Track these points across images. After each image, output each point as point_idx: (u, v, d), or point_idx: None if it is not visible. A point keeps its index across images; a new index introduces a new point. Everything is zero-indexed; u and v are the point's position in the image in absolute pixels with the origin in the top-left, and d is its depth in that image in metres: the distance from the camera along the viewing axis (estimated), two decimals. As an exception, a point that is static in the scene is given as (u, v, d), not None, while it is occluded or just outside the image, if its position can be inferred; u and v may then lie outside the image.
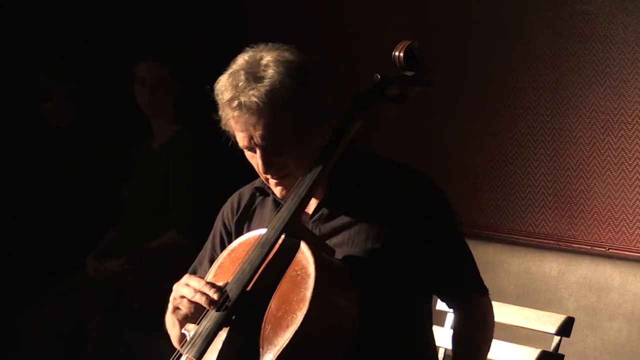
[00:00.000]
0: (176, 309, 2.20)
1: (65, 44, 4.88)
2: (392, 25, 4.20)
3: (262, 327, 2.04)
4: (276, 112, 2.14)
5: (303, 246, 2.10)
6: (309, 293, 2.01)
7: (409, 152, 4.17)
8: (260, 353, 2.02)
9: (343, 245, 2.24)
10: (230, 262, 2.22)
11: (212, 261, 2.41)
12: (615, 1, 3.61)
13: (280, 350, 1.99)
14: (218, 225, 2.49)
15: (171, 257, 3.96)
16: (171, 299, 2.22)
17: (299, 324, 1.99)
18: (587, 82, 3.71)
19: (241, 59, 2.21)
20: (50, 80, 4.48)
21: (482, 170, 4.03)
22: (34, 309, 4.21)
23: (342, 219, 2.27)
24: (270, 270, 2.11)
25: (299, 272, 2.06)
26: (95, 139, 4.52)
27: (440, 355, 2.79)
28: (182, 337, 2.20)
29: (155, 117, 4.27)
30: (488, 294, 2.40)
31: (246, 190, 2.48)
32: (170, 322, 2.30)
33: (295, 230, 2.16)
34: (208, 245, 2.52)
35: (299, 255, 2.09)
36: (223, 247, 2.42)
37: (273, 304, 2.06)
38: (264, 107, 2.13)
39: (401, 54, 2.25)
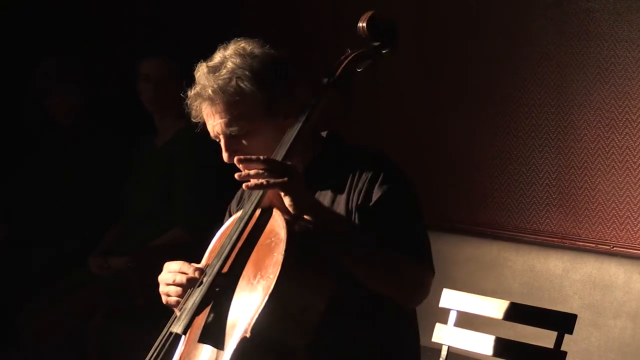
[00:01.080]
0: (167, 296, 2.25)
1: (65, 43, 4.86)
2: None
3: (241, 295, 2.11)
4: (231, 100, 2.25)
5: (276, 214, 2.17)
6: (281, 256, 2.06)
7: (413, 150, 4.17)
8: (240, 319, 2.08)
9: None
10: (219, 244, 2.28)
11: None
12: (620, -1, 3.62)
13: (257, 314, 2.04)
14: (227, 216, 2.53)
15: (175, 255, 3.94)
16: (160, 290, 2.27)
17: (272, 287, 2.04)
18: (591, 80, 3.71)
19: (214, 56, 2.32)
20: (50, 79, 4.46)
21: (487, 169, 4.03)
22: (34, 309, 4.19)
23: None
24: (249, 242, 2.19)
25: (272, 239, 2.13)
26: (95, 138, 4.50)
27: (444, 352, 2.78)
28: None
29: (159, 114, 4.25)
30: (426, 268, 2.26)
31: None
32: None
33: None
34: None
35: (272, 223, 2.16)
36: None
37: (250, 272, 2.12)
38: (218, 96, 2.24)
39: (364, 24, 2.29)
